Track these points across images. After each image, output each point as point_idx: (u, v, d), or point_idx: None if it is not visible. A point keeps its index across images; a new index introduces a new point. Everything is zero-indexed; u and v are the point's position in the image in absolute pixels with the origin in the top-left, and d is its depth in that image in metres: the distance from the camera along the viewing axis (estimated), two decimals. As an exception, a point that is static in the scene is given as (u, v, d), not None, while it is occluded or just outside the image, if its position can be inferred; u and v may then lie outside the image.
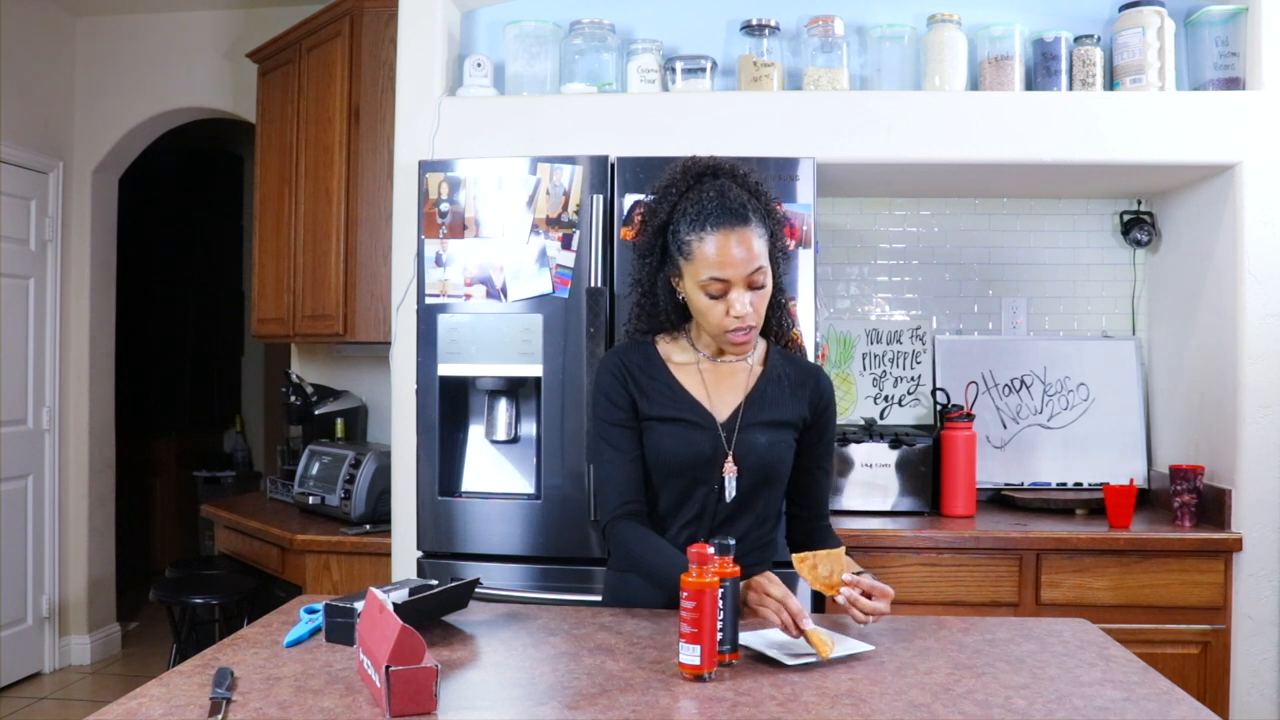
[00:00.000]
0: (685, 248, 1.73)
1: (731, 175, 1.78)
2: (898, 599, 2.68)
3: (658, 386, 1.83)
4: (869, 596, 1.65)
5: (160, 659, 4.39)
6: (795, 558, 1.66)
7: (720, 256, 1.69)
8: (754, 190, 1.78)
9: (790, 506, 1.93)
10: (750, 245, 1.70)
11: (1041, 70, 2.91)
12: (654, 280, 1.83)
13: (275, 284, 3.72)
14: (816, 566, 1.63)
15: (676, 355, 1.86)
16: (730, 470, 1.80)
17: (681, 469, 1.80)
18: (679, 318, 1.86)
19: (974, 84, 2.94)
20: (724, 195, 1.72)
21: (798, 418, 1.85)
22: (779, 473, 1.85)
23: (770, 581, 1.60)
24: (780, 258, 1.82)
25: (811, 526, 1.93)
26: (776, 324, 1.90)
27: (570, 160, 2.63)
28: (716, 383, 1.84)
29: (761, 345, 1.90)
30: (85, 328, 4.47)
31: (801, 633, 1.54)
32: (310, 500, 3.31)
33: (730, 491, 1.80)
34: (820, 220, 2.95)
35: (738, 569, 1.52)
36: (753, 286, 1.73)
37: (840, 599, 1.64)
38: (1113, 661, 1.58)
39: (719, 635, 1.47)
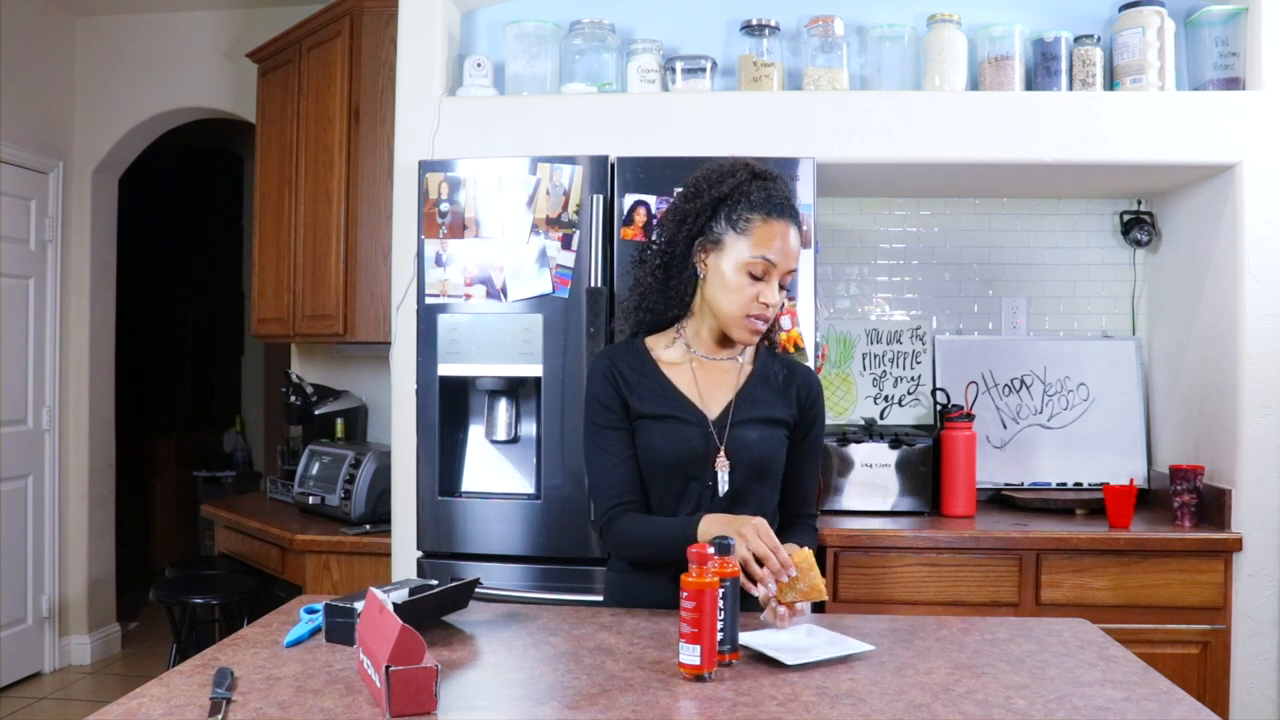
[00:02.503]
0: (745, 224, 1.78)
1: (785, 182, 1.86)
2: (898, 599, 2.71)
3: (648, 384, 1.84)
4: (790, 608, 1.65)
5: (160, 659, 4.39)
6: (801, 554, 1.63)
7: (778, 242, 1.78)
8: None
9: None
10: (798, 247, 1.81)
11: (1041, 70, 2.91)
12: (686, 250, 1.82)
13: (275, 284, 3.72)
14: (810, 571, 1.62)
15: (667, 354, 1.88)
16: (722, 465, 1.81)
17: (674, 465, 1.81)
18: (687, 297, 1.85)
19: (974, 84, 2.94)
20: (787, 197, 1.82)
21: (788, 416, 1.88)
22: (771, 468, 1.86)
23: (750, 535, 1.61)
24: None
25: (794, 520, 1.94)
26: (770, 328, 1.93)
27: (570, 160, 2.63)
28: (707, 380, 1.86)
29: (751, 346, 1.92)
30: (85, 328, 4.47)
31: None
32: (310, 500, 3.31)
33: (723, 486, 1.81)
34: (820, 220, 2.95)
35: (738, 569, 1.52)
36: (783, 285, 1.81)
37: (759, 592, 1.61)
38: (1113, 661, 1.58)
39: (719, 635, 1.47)
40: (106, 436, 4.64)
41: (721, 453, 1.81)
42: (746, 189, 1.79)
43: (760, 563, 1.60)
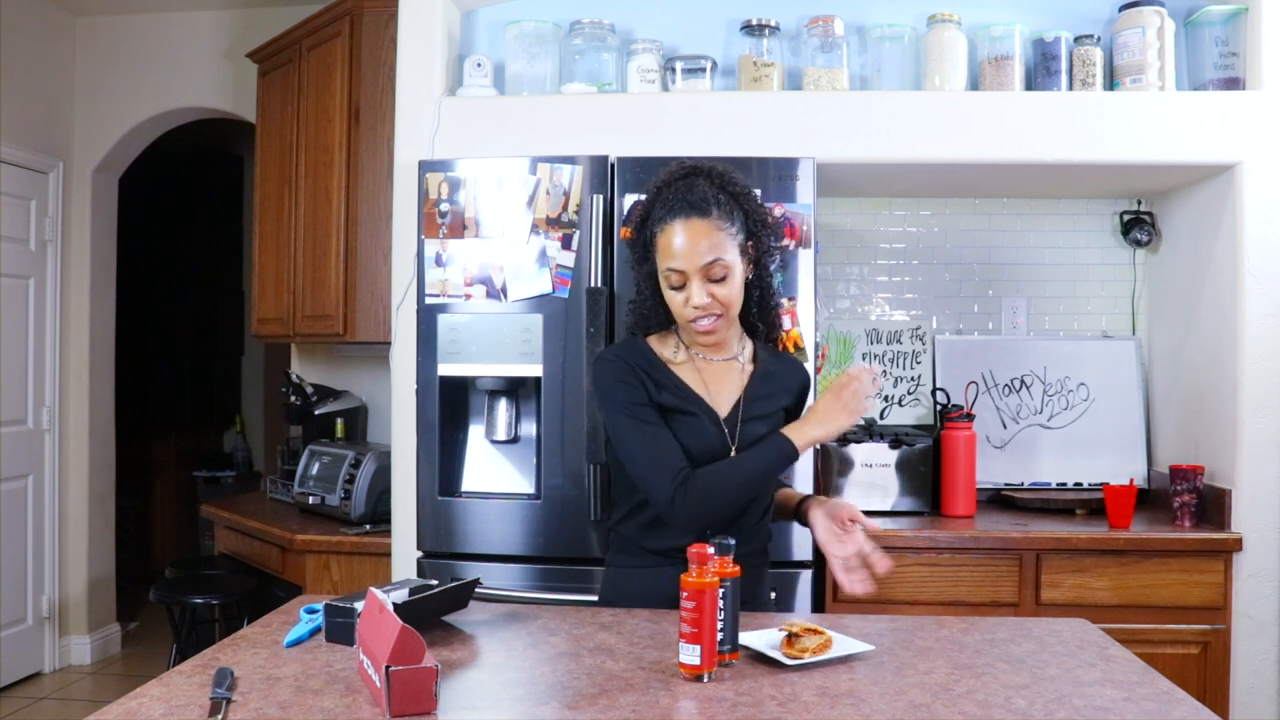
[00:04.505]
0: (652, 240, 1.81)
1: (708, 175, 1.81)
2: (898, 599, 2.71)
3: (664, 379, 1.84)
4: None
5: (160, 659, 4.39)
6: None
7: (675, 247, 1.76)
8: (727, 188, 1.80)
9: None
10: (708, 237, 1.75)
11: (1041, 70, 2.91)
12: (643, 279, 1.88)
13: (275, 284, 3.72)
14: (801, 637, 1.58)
15: (670, 354, 1.89)
16: None
17: (694, 461, 1.80)
18: (667, 317, 1.89)
19: (974, 84, 2.94)
20: (690, 190, 1.77)
21: (785, 411, 1.92)
22: None
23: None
24: (767, 257, 1.86)
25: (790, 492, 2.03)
26: (767, 323, 1.93)
27: (570, 160, 2.63)
28: (714, 380, 1.87)
29: (750, 344, 1.93)
30: (85, 328, 4.47)
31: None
32: (310, 500, 3.31)
33: None
34: (820, 220, 2.95)
35: (738, 569, 1.52)
36: (710, 279, 1.76)
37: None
38: (1113, 661, 1.58)
39: (719, 635, 1.47)
40: (106, 436, 4.64)
41: (734, 450, 1.82)
42: (650, 208, 1.81)
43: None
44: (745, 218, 1.81)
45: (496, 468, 2.73)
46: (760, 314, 1.90)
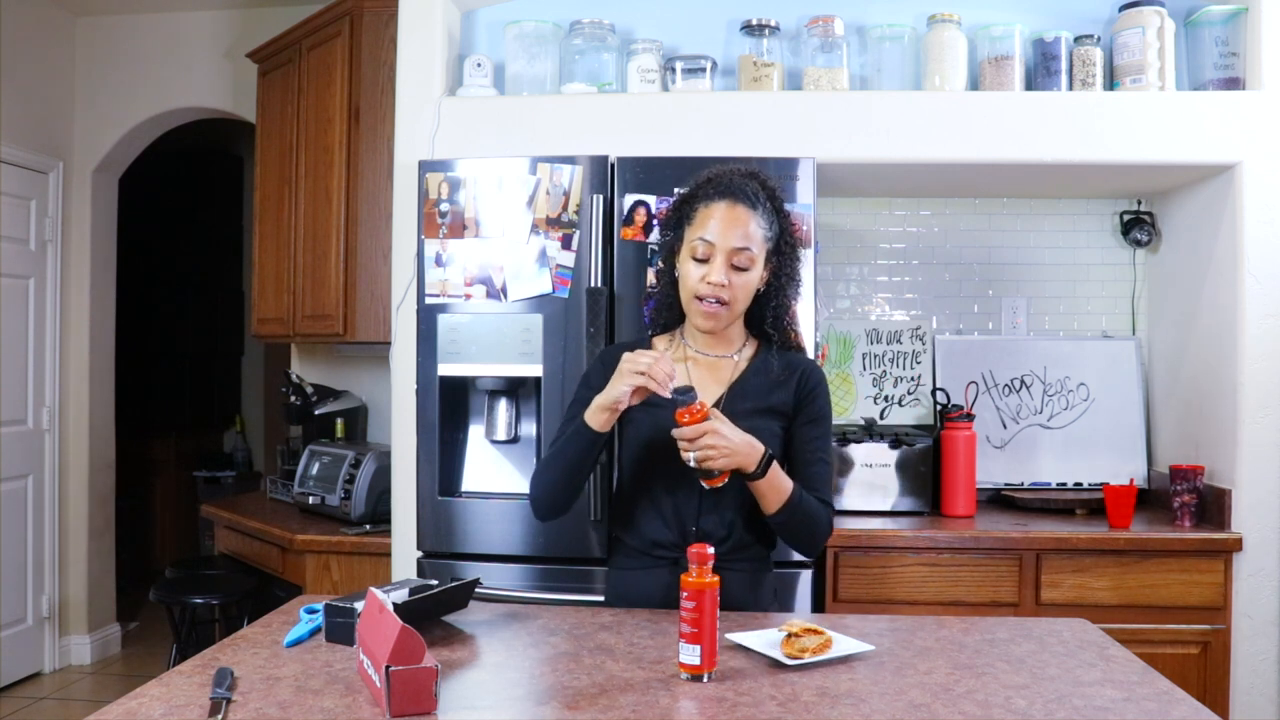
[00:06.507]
0: (691, 213, 1.86)
1: (763, 183, 1.89)
2: (898, 599, 2.71)
3: None
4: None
5: (160, 659, 4.39)
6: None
7: (714, 221, 1.82)
8: (774, 201, 1.88)
9: None
10: (745, 226, 1.81)
11: (1041, 70, 2.91)
12: (669, 256, 1.91)
13: (275, 284, 3.72)
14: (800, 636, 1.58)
15: (663, 349, 1.92)
16: None
17: (662, 454, 1.81)
18: (680, 312, 1.92)
19: (974, 84, 2.94)
20: (745, 184, 1.85)
21: (782, 404, 1.89)
22: None
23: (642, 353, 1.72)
24: (785, 272, 1.91)
25: None
26: (780, 332, 1.93)
27: (570, 160, 2.63)
28: (701, 375, 1.89)
29: (753, 345, 1.95)
30: (85, 328, 4.47)
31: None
32: (310, 500, 3.31)
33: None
34: (820, 220, 2.95)
35: (706, 411, 1.66)
36: (735, 266, 1.81)
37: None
38: (1113, 661, 1.58)
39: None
40: (106, 436, 4.64)
41: None
42: (698, 188, 1.87)
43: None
44: (780, 233, 1.88)
45: (496, 468, 2.74)
46: (774, 323, 1.92)
